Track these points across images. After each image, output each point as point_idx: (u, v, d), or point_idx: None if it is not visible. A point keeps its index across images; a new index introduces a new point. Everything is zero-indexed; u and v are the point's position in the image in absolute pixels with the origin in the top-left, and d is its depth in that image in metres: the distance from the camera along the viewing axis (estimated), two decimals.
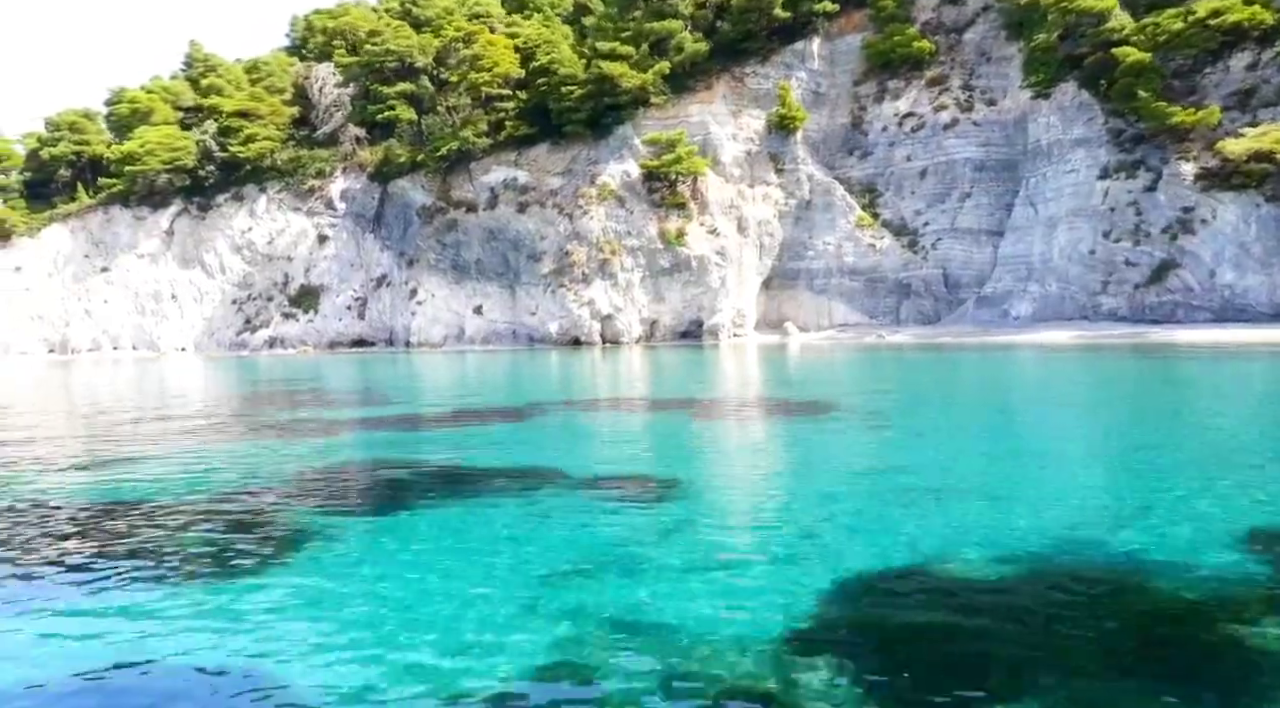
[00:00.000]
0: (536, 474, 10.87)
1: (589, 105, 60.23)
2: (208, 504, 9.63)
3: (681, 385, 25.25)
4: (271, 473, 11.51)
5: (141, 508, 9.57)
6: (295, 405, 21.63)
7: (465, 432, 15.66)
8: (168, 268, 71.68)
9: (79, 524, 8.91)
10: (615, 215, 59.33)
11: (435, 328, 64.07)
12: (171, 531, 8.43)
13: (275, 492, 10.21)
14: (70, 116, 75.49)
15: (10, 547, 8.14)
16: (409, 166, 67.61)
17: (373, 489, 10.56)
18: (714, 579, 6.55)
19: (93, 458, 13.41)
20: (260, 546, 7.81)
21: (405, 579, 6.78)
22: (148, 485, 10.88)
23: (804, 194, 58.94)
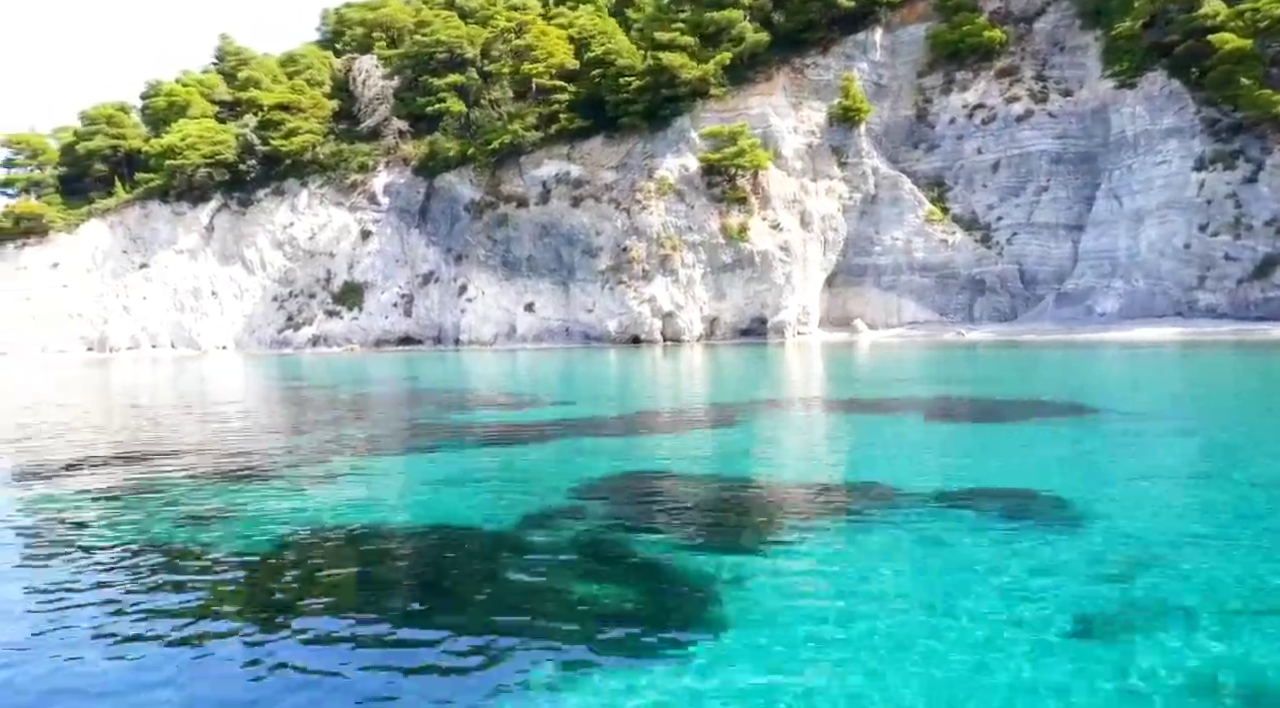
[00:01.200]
0: (883, 489, 9.37)
1: (646, 97, 58.70)
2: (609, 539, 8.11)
3: (843, 384, 23.72)
4: (585, 490, 10.00)
5: (460, 549, 8.10)
6: (467, 406, 20.13)
7: (716, 437, 14.15)
8: (207, 264, 70.20)
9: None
10: (675, 210, 57.82)
11: (486, 326, 62.58)
12: (563, 589, 6.89)
13: (629, 522, 8.63)
14: (106, 110, 74.01)
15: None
16: (456, 160, 66.09)
17: (744, 510, 8.98)
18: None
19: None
20: (682, 604, 6.25)
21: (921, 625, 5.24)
22: (437, 514, 9.39)
23: (869, 188, 57.39)
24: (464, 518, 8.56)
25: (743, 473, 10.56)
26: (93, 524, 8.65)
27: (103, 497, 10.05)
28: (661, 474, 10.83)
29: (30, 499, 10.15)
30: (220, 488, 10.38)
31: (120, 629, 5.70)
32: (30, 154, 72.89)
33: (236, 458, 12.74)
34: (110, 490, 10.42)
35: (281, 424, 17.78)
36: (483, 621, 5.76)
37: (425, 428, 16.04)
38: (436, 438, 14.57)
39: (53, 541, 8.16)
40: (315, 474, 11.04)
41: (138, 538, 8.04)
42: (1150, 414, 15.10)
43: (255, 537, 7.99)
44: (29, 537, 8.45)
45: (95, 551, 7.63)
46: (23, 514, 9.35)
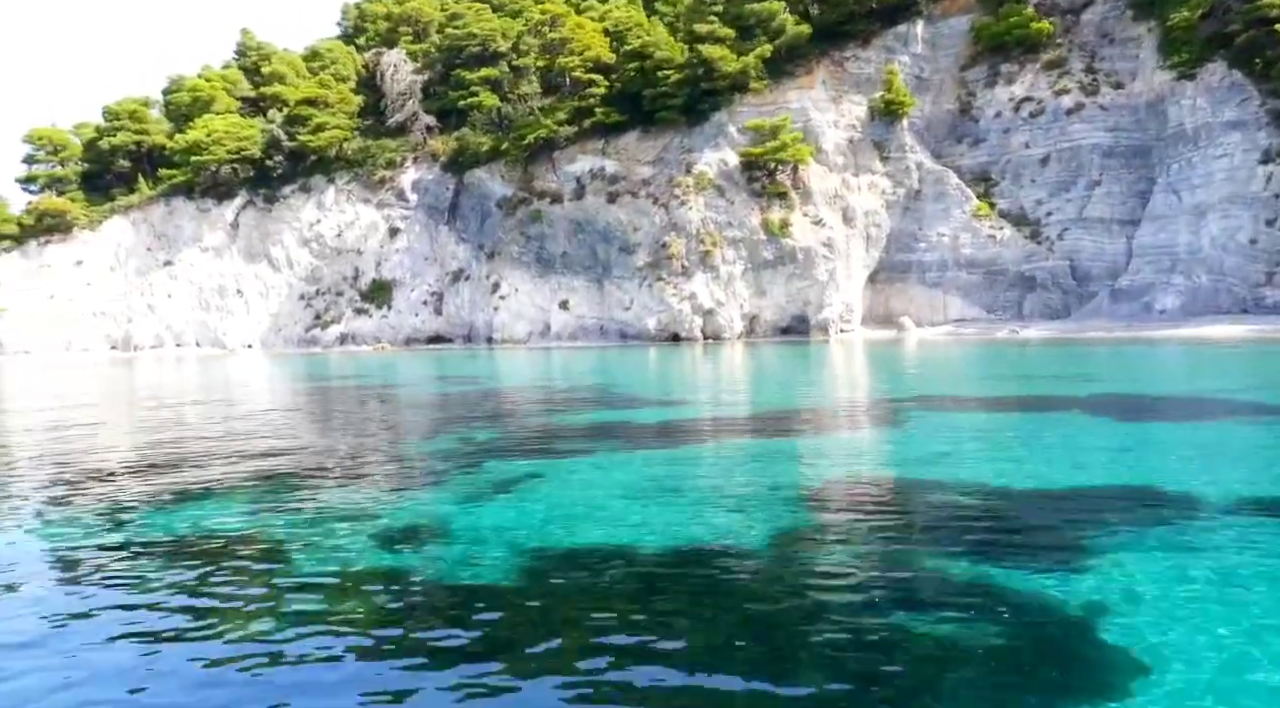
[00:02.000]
0: (1151, 494, 8.28)
1: (685, 91, 57.59)
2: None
3: (967, 381, 22.59)
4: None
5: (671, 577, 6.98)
6: (578, 406, 19.00)
7: (897, 436, 13.04)
8: (233, 262, 69.13)
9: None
10: (715, 205, 56.72)
11: (519, 324, 61.48)
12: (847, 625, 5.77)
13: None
14: (130, 104, 72.92)
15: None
16: (487, 156, 65.02)
17: (1024, 520, 7.88)
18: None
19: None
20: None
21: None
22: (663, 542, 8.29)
23: (912, 183, 56.26)
24: (692, 536, 7.25)
25: (979, 479, 9.43)
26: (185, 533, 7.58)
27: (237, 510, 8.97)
28: (882, 481, 9.73)
29: (49, 518, 8.83)
30: (369, 499, 9.30)
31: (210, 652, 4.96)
32: (52, 150, 71.81)
33: (377, 464, 11.65)
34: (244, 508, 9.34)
35: (402, 428, 16.64)
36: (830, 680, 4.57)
37: (561, 430, 14.91)
38: (585, 441, 13.46)
39: (88, 551, 7.17)
40: (479, 485, 9.93)
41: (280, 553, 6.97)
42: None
43: (450, 559, 6.90)
44: (53, 557, 7.35)
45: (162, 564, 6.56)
46: (40, 535, 8.14)
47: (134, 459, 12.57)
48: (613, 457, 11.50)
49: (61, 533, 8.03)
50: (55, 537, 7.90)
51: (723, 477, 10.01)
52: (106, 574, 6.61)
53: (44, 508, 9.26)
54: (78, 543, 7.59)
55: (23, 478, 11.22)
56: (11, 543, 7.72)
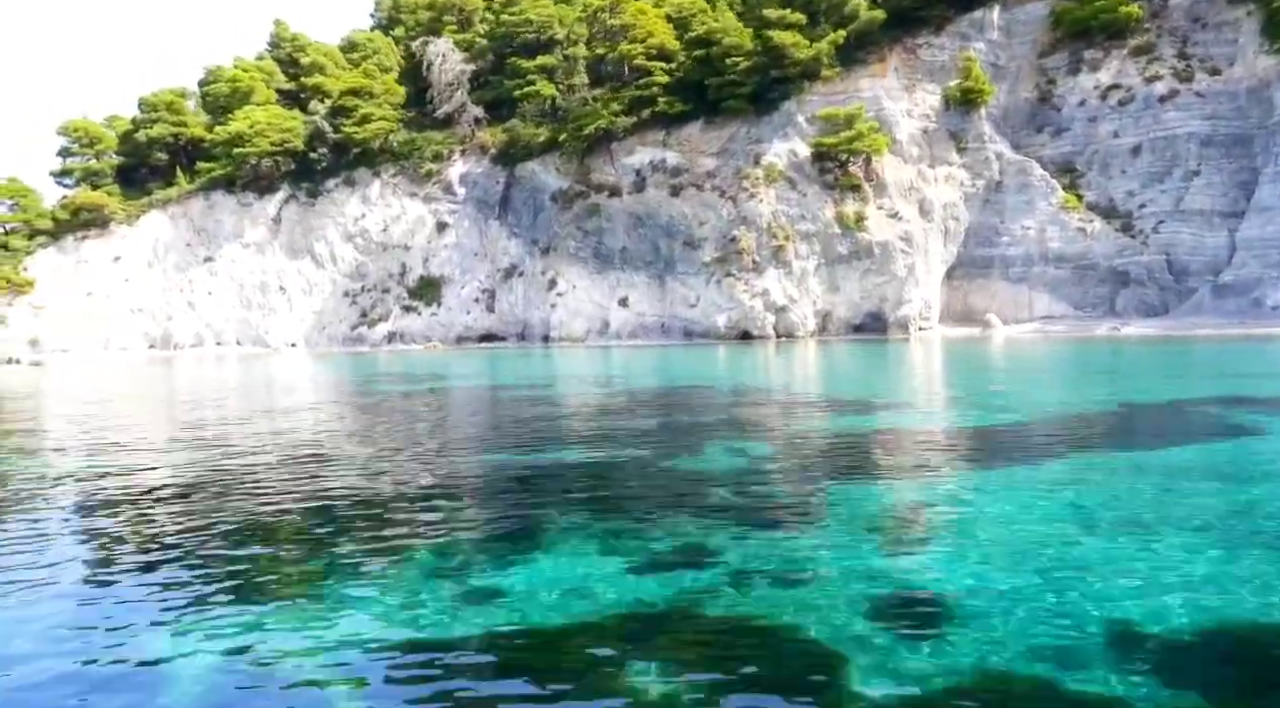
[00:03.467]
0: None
1: (754, 79, 55.41)
2: None
3: (1149, 382, 20.37)
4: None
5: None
6: (809, 410, 16.72)
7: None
8: (275, 258, 66.91)
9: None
10: (786, 198, 54.51)
11: (577, 321, 59.25)
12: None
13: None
14: (166, 96, 70.67)
15: None
16: (540, 148, 62.82)
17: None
18: None
19: None
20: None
21: None
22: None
23: (992, 174, 54.05)
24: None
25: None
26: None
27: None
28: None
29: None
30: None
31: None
32: (88, 142, 69.58)
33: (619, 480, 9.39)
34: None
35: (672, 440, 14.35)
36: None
37: (846, 442, 12.63)
38: (890, 458, 11.18)
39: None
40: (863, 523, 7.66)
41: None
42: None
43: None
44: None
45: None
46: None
47: (163, 481, 10.36)
48: (987, 478, 9.22)
49: (83, 570, 6.16)
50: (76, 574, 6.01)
51: (1183, 501, 7.71)
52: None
53: (66, 536, 7.29)
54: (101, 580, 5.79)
55: (44, 504, 8.92)
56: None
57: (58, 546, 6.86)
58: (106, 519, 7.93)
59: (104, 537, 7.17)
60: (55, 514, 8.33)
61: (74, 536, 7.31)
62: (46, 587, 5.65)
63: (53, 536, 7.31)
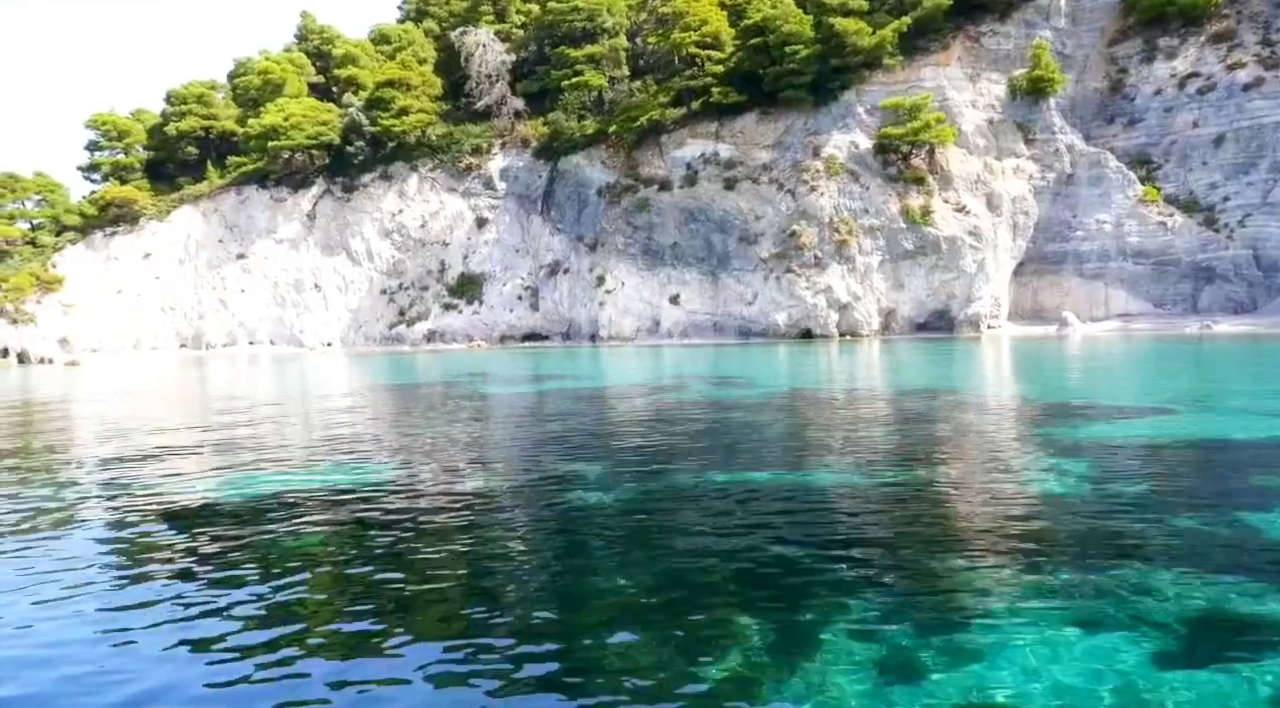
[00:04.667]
0: None
1: (813, 68, 53.32)
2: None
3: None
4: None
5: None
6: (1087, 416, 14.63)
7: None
8: (309, 254, 64.90)
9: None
10: (848, 191, 52.45)
11: (626, 320, 57.16)
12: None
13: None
14: (197, 88, 68.71)
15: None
16: (584, 141, 60.80)
17: None
18: None
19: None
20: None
21: None
22: None
23: (1063, 167, 51.93)
24: None
25: None
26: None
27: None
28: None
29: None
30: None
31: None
32: (116, 136, 67.61)
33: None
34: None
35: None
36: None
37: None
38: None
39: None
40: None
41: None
42: None
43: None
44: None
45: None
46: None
47: (196, 505, 8.43)
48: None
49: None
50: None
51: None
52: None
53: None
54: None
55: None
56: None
57: (152, 569, 6.21)
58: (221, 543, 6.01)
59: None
60: (150, 538, 7.14)
61: (179, 563, 6.37)
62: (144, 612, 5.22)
63: (151, 563, 6.47)
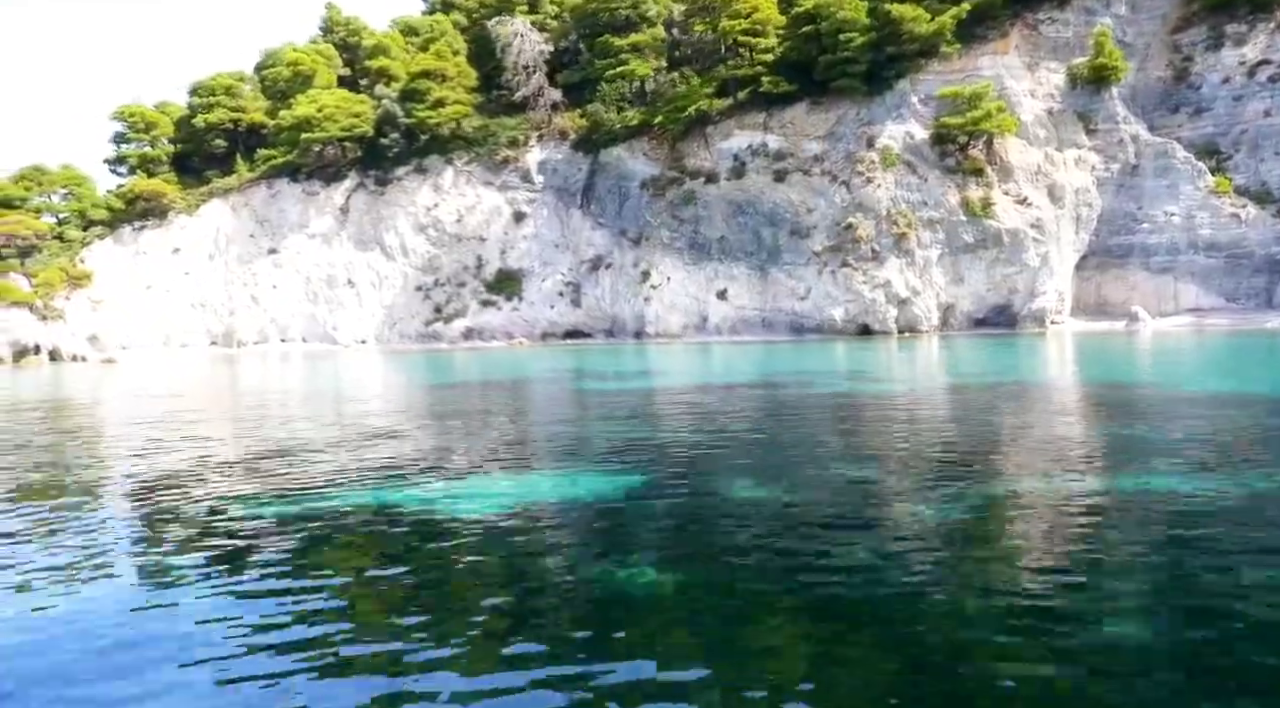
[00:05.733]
0: None
1: (868, 57, 51.78)
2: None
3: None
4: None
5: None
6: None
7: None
8: (342, 249, 63.31)
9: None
10: (905, 183, 50.94)
11: (673, 316, 55.60)
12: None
13: None
14: (225, 79, 67.10)
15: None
16: (625, 132, 59.25)
17: None
18: None
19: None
20: None
21: None
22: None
23: (1128, 157, 50.45)
24: None
25: None
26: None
27: None
28: None
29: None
30: None
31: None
32: (143, 128, 65.96)
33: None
34: None
35: None
36: None
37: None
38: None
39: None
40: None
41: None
42: None
43: None
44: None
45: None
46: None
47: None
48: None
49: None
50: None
51: None
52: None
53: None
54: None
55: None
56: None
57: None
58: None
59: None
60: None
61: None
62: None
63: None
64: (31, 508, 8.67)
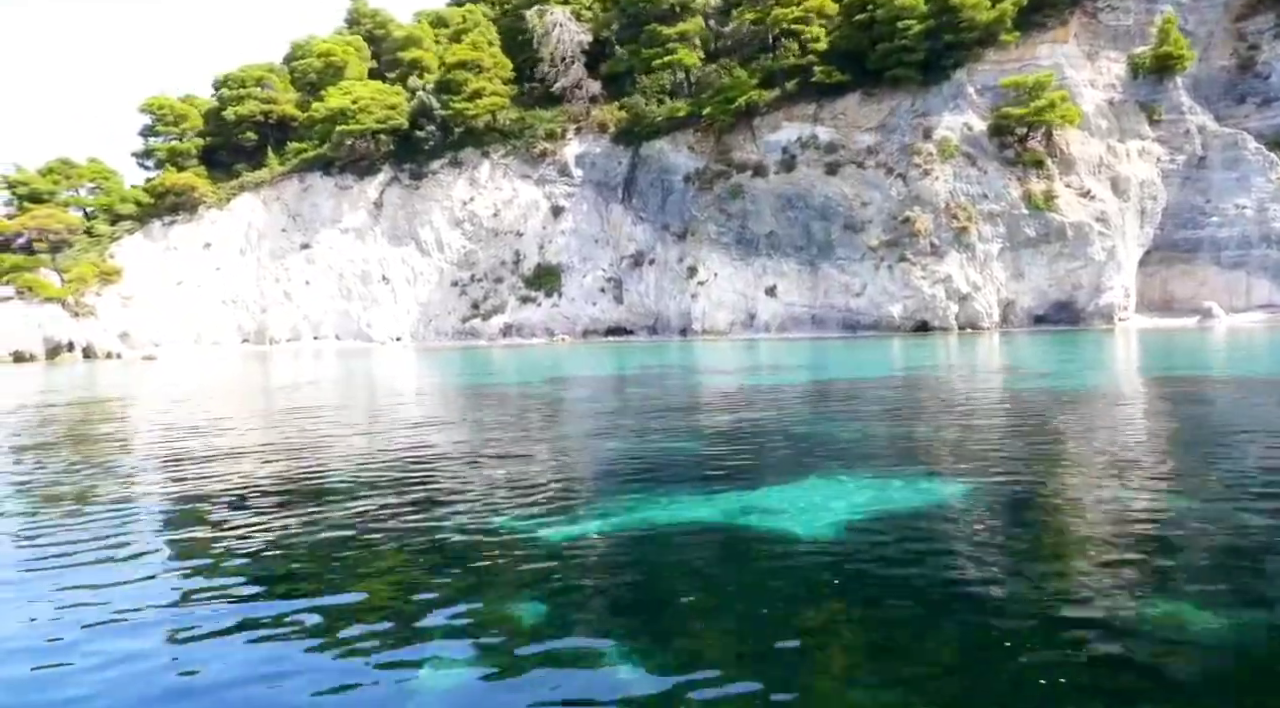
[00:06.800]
0: None
1: (925, 45, 50.32)
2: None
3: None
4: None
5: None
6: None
7: None
8: (377, 245, 61.90)
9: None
10: (965, 175, 49.48)
11: (720, 313, 54.18)
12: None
13: None
14: (256, 70, 65.68)
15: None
16: (668, 125, 57.81)
17: None
18: None
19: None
20: None
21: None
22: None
23: (1194, 149, 49.00)
24: None
25: None
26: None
27: None
28: None
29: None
30: None
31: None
32: (172, 121, 64.51)
33: None
34: None
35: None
36: None
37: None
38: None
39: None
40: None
41: None
42: None
43: None
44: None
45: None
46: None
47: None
48: None
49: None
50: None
51: None
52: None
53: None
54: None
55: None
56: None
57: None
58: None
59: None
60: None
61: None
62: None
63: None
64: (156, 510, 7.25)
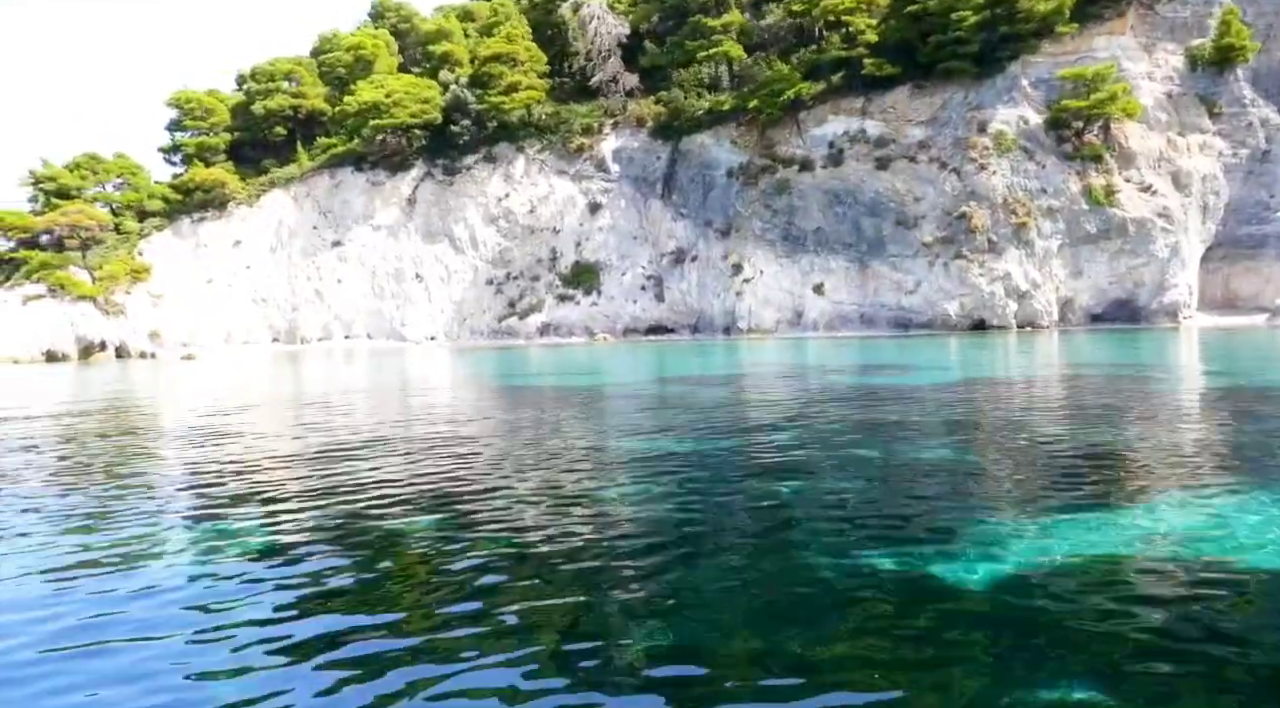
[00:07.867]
0: None
1: (981, 37, 49.10)
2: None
3: None
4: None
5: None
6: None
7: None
8: (409, 242, 60.59)
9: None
10: (1022, 170, 48.24)
11: (767, 311, 52.94)
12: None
13: None
14: (284, 64, 64.33)
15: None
16: (708, 119, 56.57)
17: None
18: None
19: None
20: None
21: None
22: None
23: (1257, 143, 47.83)
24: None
25: None
26: None
27: None
28: None
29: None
30: None
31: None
32: (200, 115, 63.17)
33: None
34: None
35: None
36: None
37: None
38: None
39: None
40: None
41: None
42: None
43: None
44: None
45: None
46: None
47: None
48: None
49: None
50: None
51: None
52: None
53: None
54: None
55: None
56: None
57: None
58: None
59: None
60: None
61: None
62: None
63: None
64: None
